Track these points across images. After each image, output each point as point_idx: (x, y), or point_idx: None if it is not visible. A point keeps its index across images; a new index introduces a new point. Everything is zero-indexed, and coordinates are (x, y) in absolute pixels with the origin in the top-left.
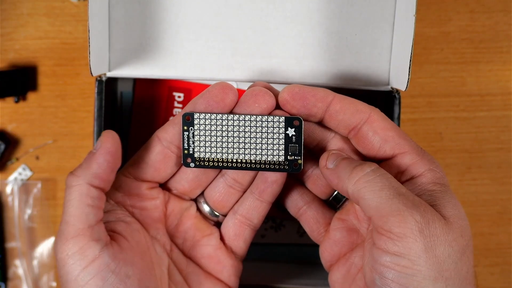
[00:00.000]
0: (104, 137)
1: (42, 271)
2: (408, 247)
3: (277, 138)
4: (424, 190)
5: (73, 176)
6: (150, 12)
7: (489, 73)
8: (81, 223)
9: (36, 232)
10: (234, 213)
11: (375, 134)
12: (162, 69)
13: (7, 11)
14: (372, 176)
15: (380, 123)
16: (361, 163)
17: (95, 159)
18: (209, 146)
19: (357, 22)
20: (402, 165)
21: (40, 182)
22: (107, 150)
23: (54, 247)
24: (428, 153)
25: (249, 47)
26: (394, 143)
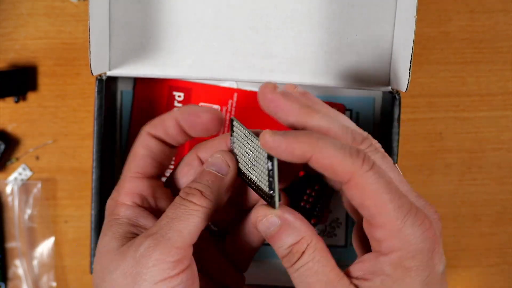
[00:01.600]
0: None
1: (42, 271)
2: None
3: (264, 168)
4: (381, 271)
5: (201, 196)
6: (150, 12)
7: (489, 73)
8: (191, 240)
9: (36, 232)
10: (235, 233)
11: (353, 198)
12: (162, 68)
13: (7, 11)
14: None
15: (358, 191)
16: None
17: (225, 185)
18: None
19: (357, 23)
20: (375, 237)
21: (40, 182)
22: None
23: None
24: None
25: (250, 46)
26: (370, 214)
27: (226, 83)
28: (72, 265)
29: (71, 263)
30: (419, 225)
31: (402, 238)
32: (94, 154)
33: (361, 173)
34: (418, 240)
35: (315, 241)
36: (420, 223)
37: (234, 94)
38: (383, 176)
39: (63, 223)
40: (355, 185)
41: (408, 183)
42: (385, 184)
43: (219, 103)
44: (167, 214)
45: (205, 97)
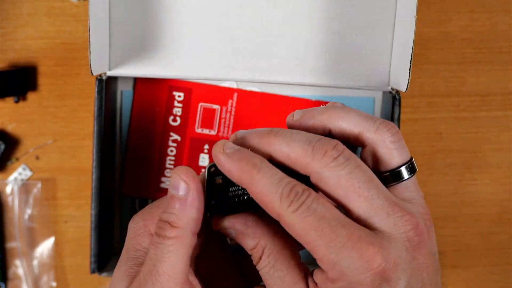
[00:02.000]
0: (187, 177)
1: (42, 271)
2: None
3: None
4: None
5: (172, 227)
6: (150, 12)
7: (489, 73)
8: (182, 277)
9: (36, 232)
10: None
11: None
12: (163, 68)
13: (7, 11)
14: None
15: (288, 229)
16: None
17: (191, 205)
18: None
19: (357, 23)
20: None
21: (40, 182)
22: (198, 192)
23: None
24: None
25: (250, 46)
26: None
27: (226, 83)
28: (72, 265)
29: (71, 263)
30: (357, 257)
31: (339, 271)
32: (94, 154)
33: (287, 214)
34: (356, 272)
35: (271, 245)
36: (359, 256)
37: (234, 94)
38: (312, 213)
39: (63, 223)
40: (285, 225)
41: (387, 194)
42: (314, 221)
43: (219, 103)
44: (150, 256)
45: (205, 97)
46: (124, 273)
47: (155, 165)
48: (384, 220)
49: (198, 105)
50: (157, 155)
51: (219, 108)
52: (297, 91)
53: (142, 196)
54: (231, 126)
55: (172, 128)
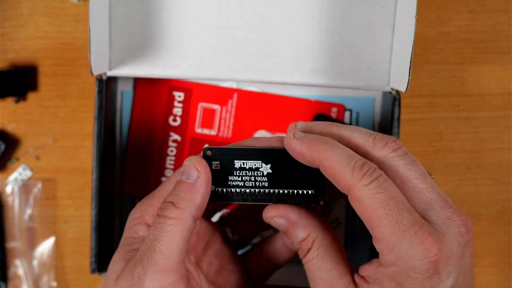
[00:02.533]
0: (200, 165)
1: (42, 271)
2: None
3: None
4: (378, 280)
5: (174, 207)
6: (150, 11)
7: (489, 73)
8: (178, 257)
9: (36, 232)
10: (261, 252)
11: (355, 210)
12: (163, 68)
13: (7, 11)
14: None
15: (357, 204)
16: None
17: (197, 191)
18: None
19: (357, 23)
20: (376, 247)
21: (40, 182)
22: (207, 180)
23: (134, 269)
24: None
25: (250, 46)
26: (369, 226)
27: (226, 83)
28: (72, 265)
29: (71, 263)
30: (417, 243)
31: (397, 254)
32: (94, 154)
33: (358, 186)
34: (414, 258)
35: (321, 237)
36: (419, 242)
37: (234, 94)
38: (384, 191)
39: (63, 223)
40: (353, 198)
41: (439, 190)
42: (384, 199)
43: (219, 103)
44: (149, 236)
45: (205, 97)
46: (121, 256)
47: (155, 165)
48: (438, 213)
49: (198, 105)
50: (157, 155)
51: (219, 108)
52: (297, 91)
53: (142, 196)
54: (231, 126)
55: (172, 128)
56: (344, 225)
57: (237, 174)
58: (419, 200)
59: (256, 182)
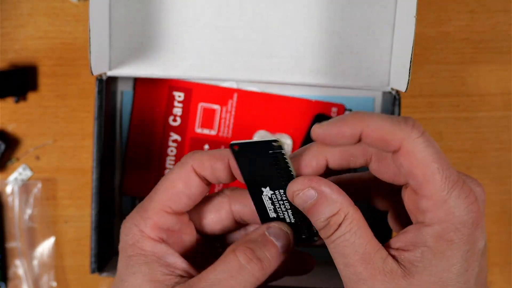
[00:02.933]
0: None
1: (42, 271)
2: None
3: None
4: (423, 243)
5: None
6: (150, 12)
7: (489, 73)
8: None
9: (36, 232)
10: None
11: (401, 167)
12: (163, 68)
13: (7, 11)
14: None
15: (408, 158)
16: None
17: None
18: None
19: (357, 23)
20: (420, 207)
21: (40, 182)
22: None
23: None
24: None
25: (250, 46)
26: (416, 183)
27: (226, 83)
28: (72, 265)
29: (71, 263)
30: (464, 198)
31: (447, 209)
32: (94, 154)
33: (410, 140)
34: (462, 213)
35: (352, 212)
36: (466, 196)
37: (234, 94)
38: (432, 145)
39: (63, 223)
40: (405, 153)
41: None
42: (435, 153)
43: (219, 103)
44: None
45: (205, 97)
46: (143, 279)
47: (155, 165)
48: (448, 203)
49: (198, 105)
50: (157, 155)
51: (219, 108)
52: (297, 91)
53: (142, 196)
54: (231, 126)
55: (172, 128)
56: None
57: None
58: (441, 179)
59: None
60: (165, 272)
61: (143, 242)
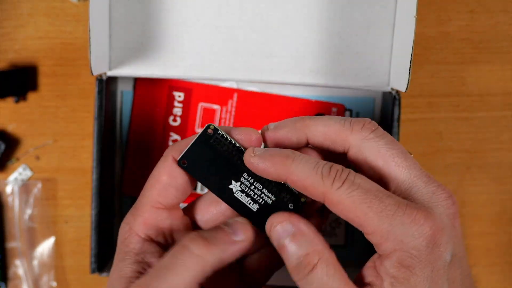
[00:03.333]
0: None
1: (42, 271)
2: None
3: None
4: (386, 275)
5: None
6: (150, 12)
7: (489, 73)
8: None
9: (36, 232)
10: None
11: (337, 214)
12: (163, 68)
13: (7, 11)
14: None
15: (336, 207)
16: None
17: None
18: None
19: (357, 23)
20: (372, 242)
21: (40, 182)
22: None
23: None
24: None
25: (250, 46)
26: (357, 224)
27: (226, 83)
28: (72, 265)
29: (71, 263)
30: (409, 222)
31: (394, 239)
32: (94, 154)
33: (332, 191)
34: (411, 238)
35: (328, 255)
36: (411, 221)
37: (234, 94)
38: (358, 187)
39: (63, 223)
40: (331, 203)
41: (420, 167)
42: (361, 194)
43: (219, 103)
44: (163, 261)
45: (205, 97)
46: (117, 275)
47: (155, 165)
48: (423, 189)
49: (198, 105)
50: (157, 155)
51: (219, 108)
52: (297, 91)
53: None
54: (231, 126)
55: (172, 128)
56: (344, 225)
57: None
58: (403, 177)
59: None
60: (138, 270)
61: (130, 239)
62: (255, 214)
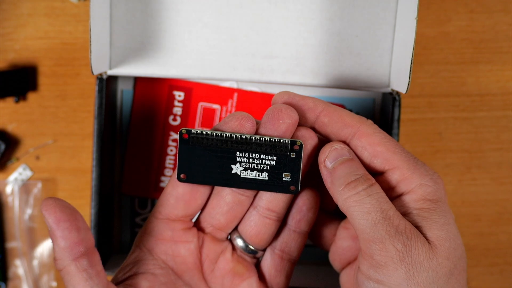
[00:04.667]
0: (48, 209)
1: (43, 271)
2: (388, 275)
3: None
4: (411, 208)
5: (56, 261)
6: (151, 11)
7: (489, 73)
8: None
9: (36, 232)
10: (273, 249)
11: (364, 149)
12: (163, 67)
13: (7, 11)
14: (362, 196)
15: (369, 137)
16: (356, 178)
17: (56, 236)
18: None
19: (358, 24)
20: (392, 181)
21: (40, 182)
22: (58, 220)
23: None
24: (423, 165)
25: (250, 46)
26: (383, 159)
27: (226, 83)
28: None
29: None
30: (429, 169)
31: (420, 174)
32: (94, 153)
33: (367, 124)
34: (434, 177)
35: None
36: (429, 168)
37: (234, 94)
38: (384, 132)
39: None
40: (365, 133)
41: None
42: (389, 135)
43: (219, 103)
44: None
45: (205, 96)
46: None
47: (155, 165)
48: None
49: (198, 105)
50: (157, 154)
51: (219, 108)
52: (297, 92)
53: (141, 195)
54: None
55: (172, 127)
56: None
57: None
58: (399, 160)
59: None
60: None
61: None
62: (270, 182)
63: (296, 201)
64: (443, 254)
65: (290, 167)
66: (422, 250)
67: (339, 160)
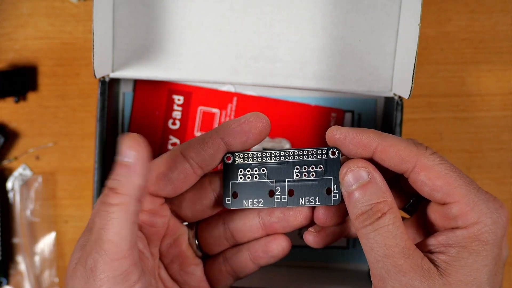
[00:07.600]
0: (135, 144)
1: (44, 266)
2: None
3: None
4: (456, 244)
5: (115, 194)
6: (154, 14)
7: (489, 73)
8: (128, 243)
9: (37, 227)
10: (224, 260)
11: (423, 184)
12: (166, 70)
13: (7, 11)
14: (368, 231)
15: (428, 172)
16: (365, 210)
17: (135, 172)
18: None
19: (361, 28)
20: (451, 214)
21: (41, 176)
22: (144, 159)
23: (86, 260)
24: (486, 199)
25: (253, 50)
26: (443, 193)
27: (224, 87)
28: None
29: None
30: (492, 200)
31: (479, 211)
32: (96, 156)
33: (426, 156)
34: (494, 215)
35: (395, 208)
36: (493, 199)
37: (234, 98)
38: (446, 161)
39: (64, 223)
40: (423, 167)
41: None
42: (451, 165)
43: (218, 107)
44: (96, 224)
45: (204, 101)
46: (79, 244)
47: None
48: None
49: (198, 109)
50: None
51: (219, 112)
52: (299, 96)
53: None
54: None
55: (172, 131)
56: None
57: None
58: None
59: None
60: None
61: None
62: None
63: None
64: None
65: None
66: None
67: (354, 187)
